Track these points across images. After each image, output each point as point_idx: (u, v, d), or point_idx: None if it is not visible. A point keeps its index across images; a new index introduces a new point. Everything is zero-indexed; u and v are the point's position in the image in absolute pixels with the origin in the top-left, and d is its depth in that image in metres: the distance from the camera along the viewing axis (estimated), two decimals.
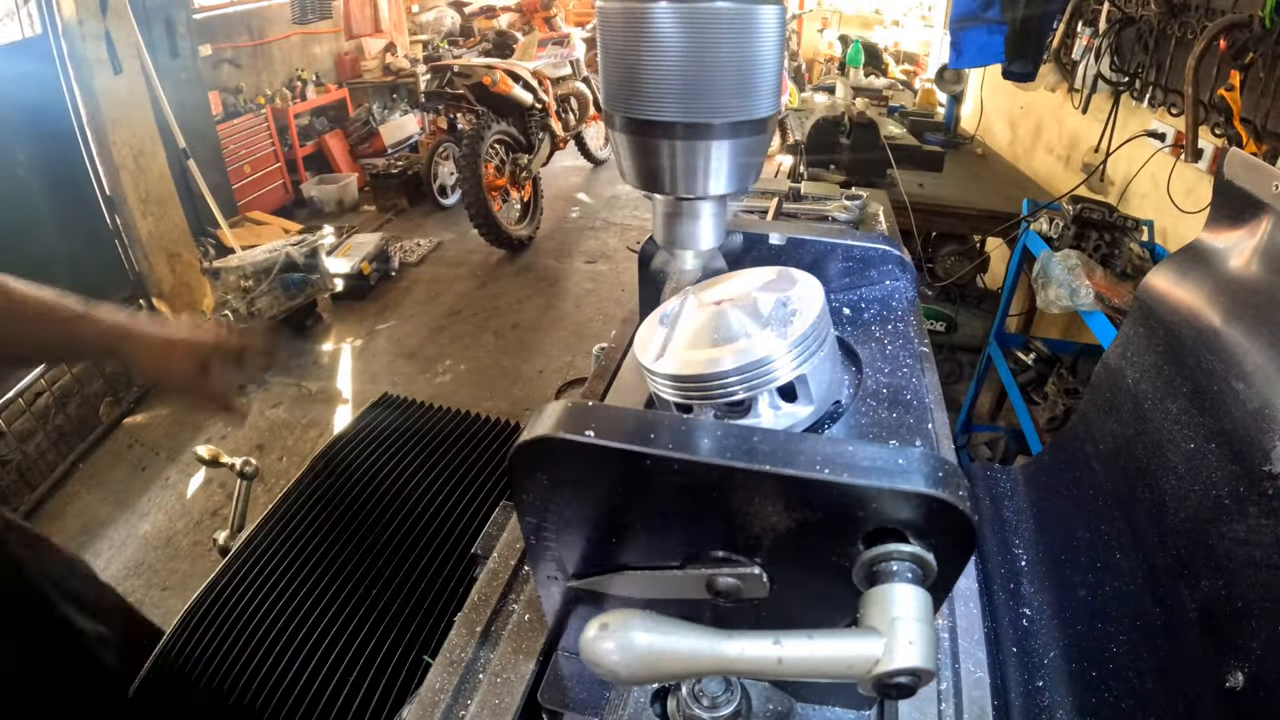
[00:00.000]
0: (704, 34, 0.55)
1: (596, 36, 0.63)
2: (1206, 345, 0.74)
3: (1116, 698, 0.70)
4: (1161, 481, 0.74)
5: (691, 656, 0.43)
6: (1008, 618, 0.83)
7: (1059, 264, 2.27)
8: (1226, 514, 0.64)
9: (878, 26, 7.87)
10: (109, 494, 3.29)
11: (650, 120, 0.60)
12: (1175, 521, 0.71)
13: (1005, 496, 0.99)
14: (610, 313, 4.72)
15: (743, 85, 0.58)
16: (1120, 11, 2.75)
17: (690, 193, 0.64)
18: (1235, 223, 0.79)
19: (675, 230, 0.69)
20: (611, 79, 0.61)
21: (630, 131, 0.62)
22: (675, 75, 0.57)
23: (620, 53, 0.59)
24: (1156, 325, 0.83)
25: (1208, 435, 0.70)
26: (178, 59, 4.74)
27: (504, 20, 8.29)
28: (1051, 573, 0.86)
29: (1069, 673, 0.76)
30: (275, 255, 4.16)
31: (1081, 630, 0.78)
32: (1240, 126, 2.12)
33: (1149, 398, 0.80)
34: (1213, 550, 0.65)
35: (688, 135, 0.60)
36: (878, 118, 3.63)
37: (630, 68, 0.58)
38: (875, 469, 0.44)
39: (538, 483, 0.51)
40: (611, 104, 0.63)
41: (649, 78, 0.58)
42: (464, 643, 0.69)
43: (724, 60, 0.56)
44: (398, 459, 1.31)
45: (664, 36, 0.56)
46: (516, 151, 5.53)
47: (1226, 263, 0.78)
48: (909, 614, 0.42)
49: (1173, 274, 0.85)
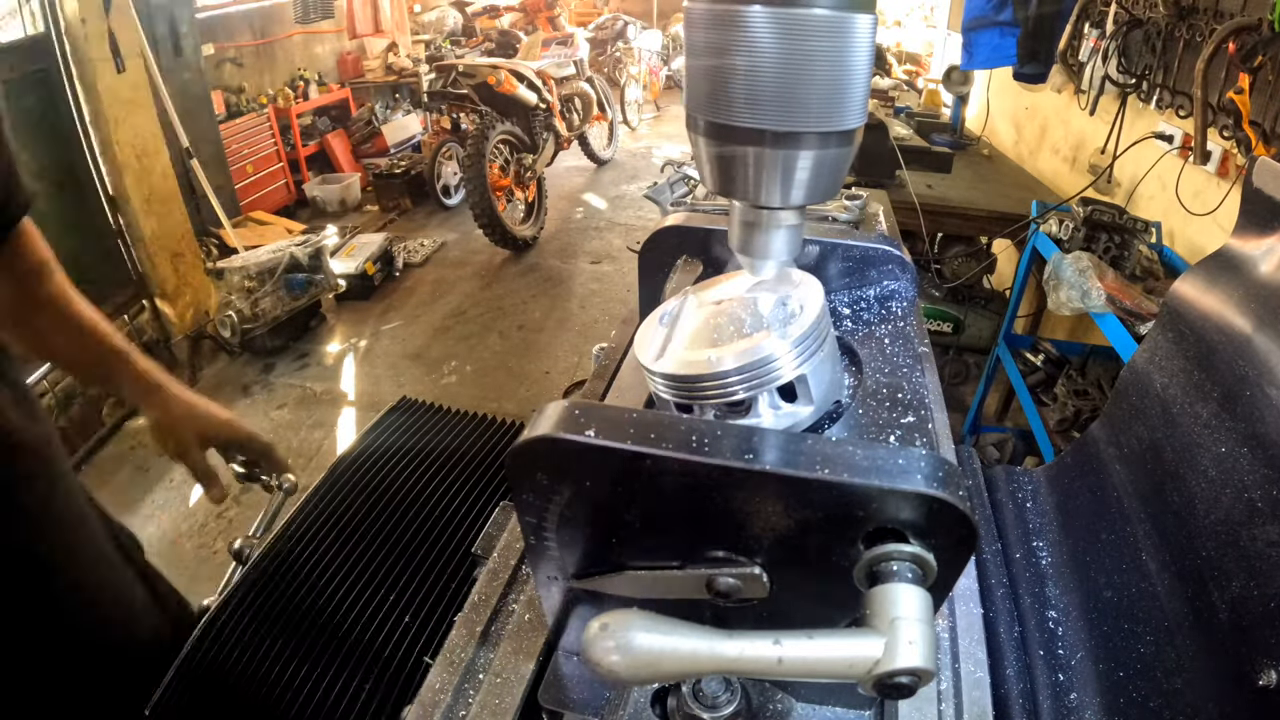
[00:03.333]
0: (801, 40, 0.54)
1: (682, 36, 0.62)
2: (1238, 351, 0.74)
3: (1145, 697, 0.70)
4: (1191, 484, 0.74)
5: (691, 656, 0.43)
6: (1034, 619, 0.83)
7: (1070, 266, 2.27)
8: (1259, 516, 0.65)
9: (880, 27, 7.85)
10: (112, 496, 3.29)
11: (738, 126, 0.58)
12: (1205, 524, 0.71)
13: (1028, 499, 0.99)
14: (616, 313, 4.72)
15: (835, 95, 0.57)
16: (1128, 13, 2.75)
17: (771, 201, 0.63)
18: (1264, 230, 0.80)
19: (752, 239, 0.67)
20: (697, 81, 0.60)
21: (715, 136, 0.61)
22: (770, 82, 0.55)
23: (708, 55, 0.57)
24: (1186, 331, 0.83)
25: (1240, 439, 0.70)
26: (181, 58, 4.75)
27: (507, 20, 8.31)
28: (1077, 574, 0.86)
29: (1096, 673, 0.76)
30: (279, 255, 4.17)
31: (1108, 631, 0.78)
32: (1249, 129, 2.11)
33: (1178, 402, 0.80)
34: (1245, 552, 0.65)
35: (776, 144, 0.58)
36: (885, 119, 3.63)
37: (719, 71, 0.57)
38: (875, 469, 0.44)
39: (537, 483, 0.51)
40: (695, 107, 0.61)
41: (740, 82, 0.56)
42: (464, 643, 0.68)
43: (820, 68, 0.55)
44: (409, 465, 1.31)
45: (758, 41, 0.54)
46: (521, 151, 5.54)
47: (1256, 269, 0.78)
48: (909, 614, 0.42)
49: (1202, 280, 0.85)
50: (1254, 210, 0.82)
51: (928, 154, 3.59)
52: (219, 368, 4.25)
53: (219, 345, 4.26)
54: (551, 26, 7.28)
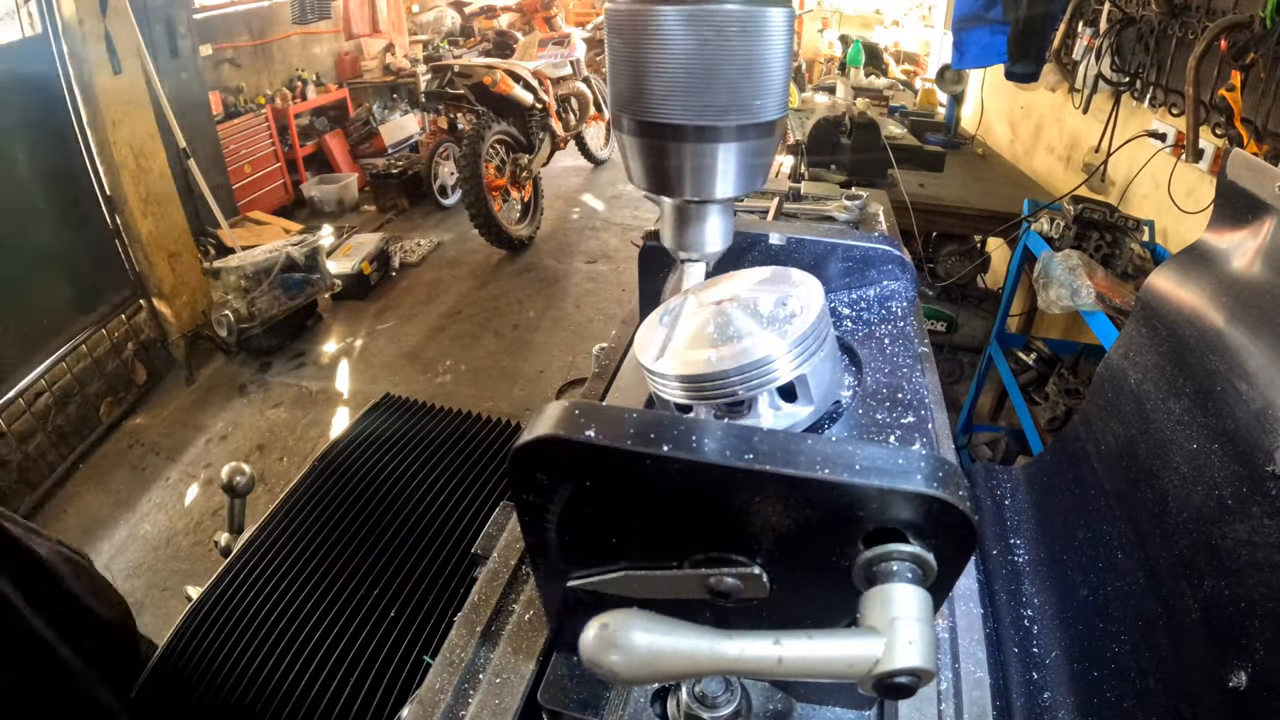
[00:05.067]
0: (713, 36, 0.55)
1: (605, 38, 0.63)
2: (1209, 346, 0.74)
3: (1119, 697, 0.70)
4: (1164, 482, 0.74)
5: (691, 656, 0.43)
6: (1009, 618, 0.83)
7: (1060, 264, 2.27)
8: (1230, 514, 0.64)
9: (878, 27, 7.86)
10: (109, 494, 3.29)
11: (659, 123, 0.59)
12: (1178, 522, 0.70)
13: (1006, 496, 0.99)
14: (611, 313, 4.72)
15: (752, 88, 0.58)
16: (1121, 12, 2.75)
17: (698, 195, 0.64)
18: (1238, 223, 0.79)
19: (684, 233, 0.69)
20: (620, 81, 0.61)
21: (639, 134, 0.62)
22: (684, 78, 0.57)
23: (629, 55, 0.58)
24: (1159, 326, 0.83)
25: (1211, 436, 0.70)
26: (178, 59, 4.73)
27: (504, 20, 8.29)
28: (1053, 572, 0.86)
29: (1070, 672, 0.76)
30: (276, 255, 4.16)
31: (1083, 630, 0.78)
32: (1241, 127, 2.12)
33: (1151, 398, 0.80)
34: (1216, 550, 0.65)
35: (697, 138, 0.59)
36: (878, 118, 3.63)
37: (639, 70, 0.58)
38: (875, 469, 0.44)
39: (538, 483, 0.51)
40: (620, 106, 0.62)
41: (658, 80, 0.57)
42: (464, 643, 0.68)
43: (734, 62, 0.56)
44: (399, 460, 1.31)
45: (673, 38, 0.55)
46: (517, 151, 5.53)
47: (1229, 263, 0.78)
48: (909, 614, 0.42)
49: (1175, 274, 0.85)
50: (1228, 203, 0.81)
51: (920, 153, 3.59)
52: (216, 367, 4.25)
53: (216, 345, 4.25)
54: (548, 27, 7.27)
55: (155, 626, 2.60)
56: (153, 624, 2.64)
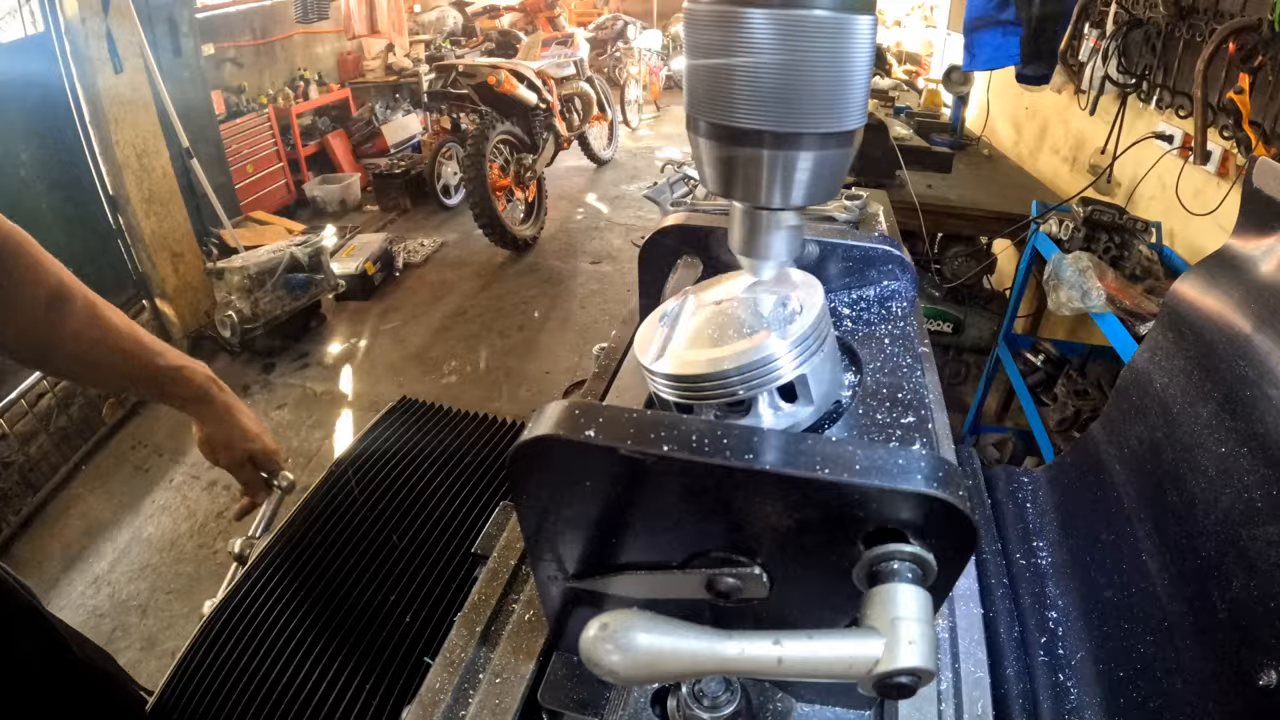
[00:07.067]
0: (801, 42, 0.54)
1: (683, 38, 0.62)
2: (1238, 351, 0.74)
3: (1145, 697, 0.70)
4: (1191, 484, 0.74)
5: (691, 656, 0.43)
6: (1034, 620, 0.83)
7: (1070, 266, 2.27)
8: (1259, 516, 0.65)
9: (880, 27, 7.84)
10: (112, 496, 3.30)
11: (740, 128, 0.58)
12: (1205, 524, 0.71)
13: (1028, 499, 0.99)
14: (616, 313, 4.72)
15: (835, 95, 0.57)
16: (1128, 13, 2.75)
17: (773, 202, 0.63)
18: (1264, 230, 0.80)
19: (754, 240, 0.68)
20: (697, 82, 0.60)
21: (715, 137, 0.61)
22: (770, 83, 0.55)
23: (708, 56, 0.57)
24: (1186, 331, 0.83)
25: (1240, 439, 0.70)
26: (180, 58, 4.75)
27: (507, 20, 8.31)
28: (1077, 574, 0.86)
29: (1096, 673, 0.76)
30: (279, 255, 4.17)
31: (1108, 631, 0.78)
32: (1249, 129, 2.12)
33: (1178, 402, 0.81)
34: (1244, 552, 0.65)
35: (776, 145, 0.58)
36: (885, 119, 3.63)
37: (719, 72, 0.57)
38: (875, 469, 0.44)
39: (538, 483, 0.51)
40: (696, 108, 0.61)
41: (741, 84, 0.56)
42: (464, 643, 0.68)
43: (820, 69, 0.55)
44: (408, 466, 1.32)
45: (759, 43, 0.54)
46: (521, 151, 5.53)
47: (1257, 270, 0.79)
48: (909, 614, 0.42)
49: (1202, 280, 0.85)
50: (1254, 210, 0.82)
51: (928, 154, 3.59)
52: (219, 367, 4.22)
53: (219, 345, 4.26)
54: (551, 26, 7.29)
55: (159, 631, 2.61)
56: (156, 628, 2.64)
